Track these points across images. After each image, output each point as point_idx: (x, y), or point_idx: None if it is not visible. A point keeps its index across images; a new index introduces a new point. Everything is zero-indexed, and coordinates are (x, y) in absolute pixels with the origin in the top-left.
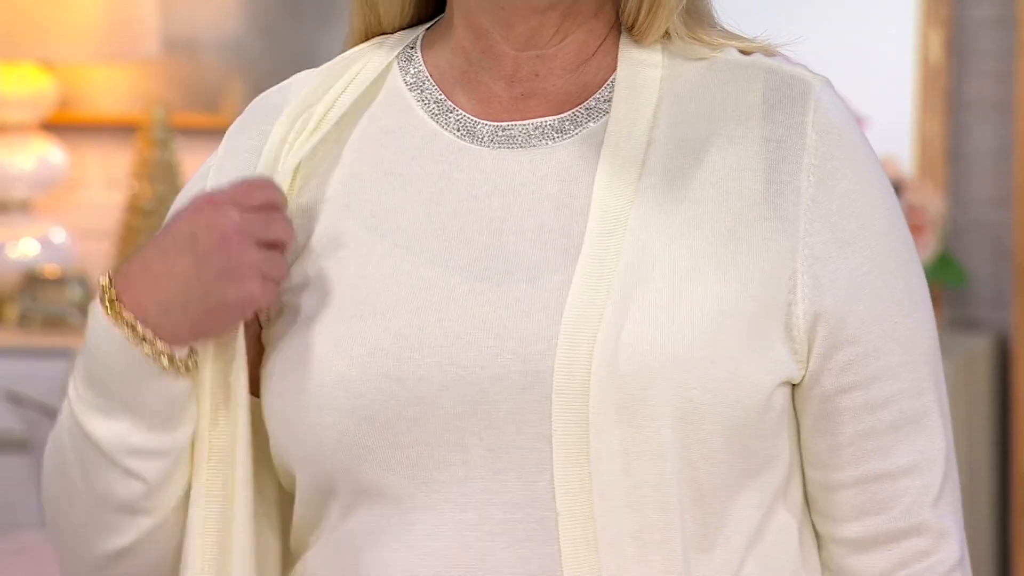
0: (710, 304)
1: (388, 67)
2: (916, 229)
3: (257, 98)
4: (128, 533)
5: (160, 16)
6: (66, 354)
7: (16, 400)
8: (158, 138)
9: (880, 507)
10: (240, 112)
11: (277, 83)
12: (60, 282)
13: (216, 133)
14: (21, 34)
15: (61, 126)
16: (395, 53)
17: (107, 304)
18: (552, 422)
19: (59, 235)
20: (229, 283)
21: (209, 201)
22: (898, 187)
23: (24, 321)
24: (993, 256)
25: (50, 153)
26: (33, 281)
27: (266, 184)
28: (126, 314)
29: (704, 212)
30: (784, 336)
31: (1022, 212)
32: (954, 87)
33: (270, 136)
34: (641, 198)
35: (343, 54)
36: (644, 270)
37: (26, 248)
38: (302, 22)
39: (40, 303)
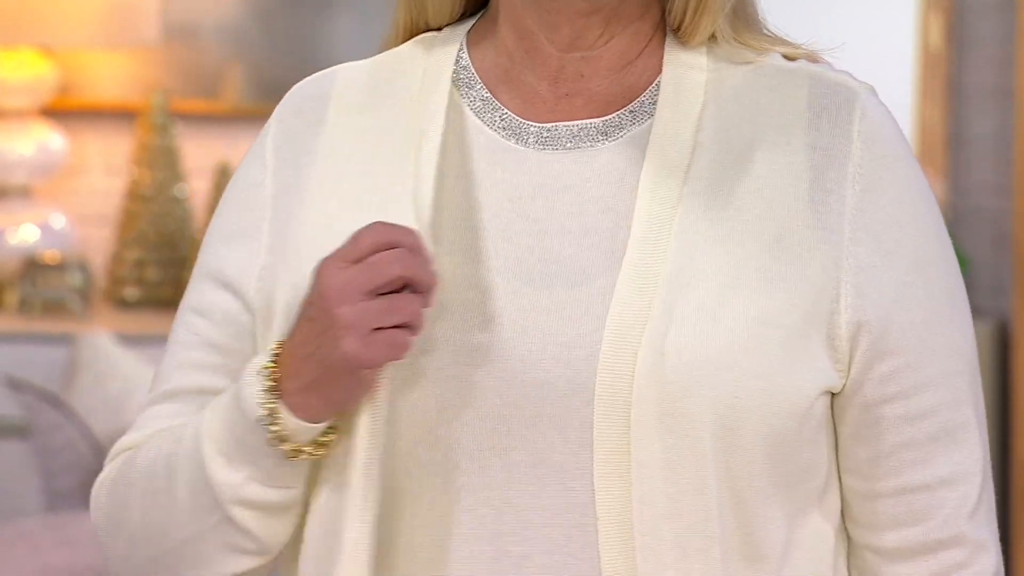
0: (754, 313)
1: (445, 65)
2: None
3: (300, 85)
4: (228, 567)
5: (160, 2)
6: (66, 340)
7: (16, 386)
8: (158, 124)
9: (918, 518)
10: (239, 98)
11: (275, 69)
12: (60, 267)
13: (215, 119)
14: (21, 20)
15: (61, 112)
16: (453, 55)
17: (266, 385)
18: (594, 428)
19: (59, 221)
20: (328, 344)
21: (324, 263)
22: None
23: (24, 306)
24: (993, 243)
25: (50, 139)
26: (33, 267)
27: (377, 230)
28: (278, 407)
29: (749, 219)
30: (826, 345)
31: (1022, 199)
32: (954, 73)
33: (325, 133)
34: (686, 204)
35: (389, 51)
36: (688, 277)
37: (26, 234)
38: (300, 9)
39: (40, 288)
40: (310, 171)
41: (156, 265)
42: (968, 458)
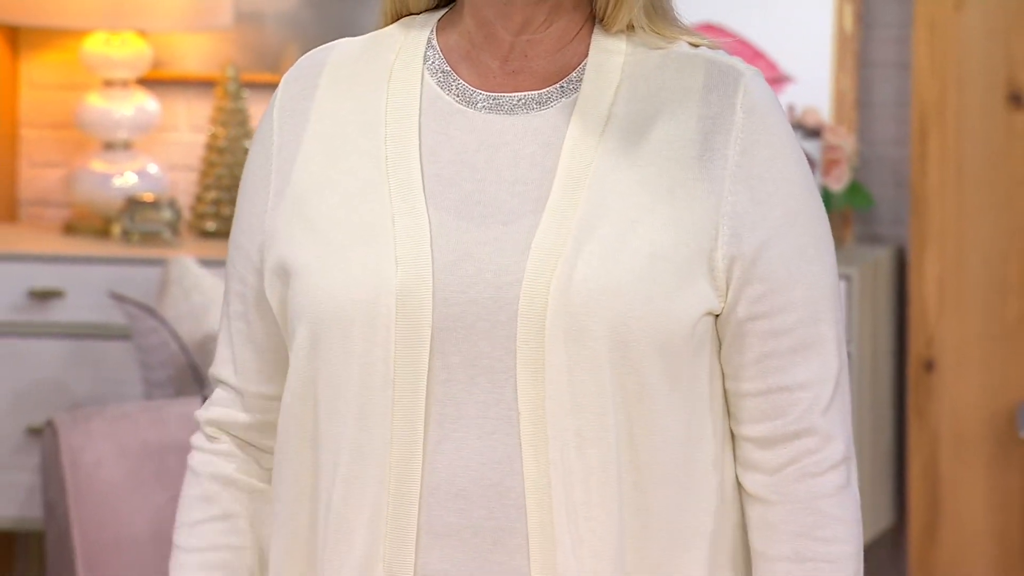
0: (648, 250)
1: (419, 45)
2: (834, 163)
3: (307, 54)
4: None
5: None
6: (159, 263)
7: (120, 299)
8: (231, 92)
9: (778, 413)
10: None
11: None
12: (155, 205)
13: (277, 88)
14: (124, 9)
15: (155, 82)
16: (427, 34)
17: None
18: (516, 339)
19: (153, 168)
20: None
21: None
22: (819, 130)
23: (126, 236)
24: (893, 184)
25: (147, 103)
26: (133, 205)
27: None
28: None
29: (649, 174)
30: (708, 275)
31: (917, 149)
32: (863, 51)
33: (317, 97)
34: (599, 161)
35: (377, 31)
36: (597, 219)
37: (127, 179)
38: None
39: (138, 223)
40: (304, 128)
41: (230, 204)
42: (823, 367)
